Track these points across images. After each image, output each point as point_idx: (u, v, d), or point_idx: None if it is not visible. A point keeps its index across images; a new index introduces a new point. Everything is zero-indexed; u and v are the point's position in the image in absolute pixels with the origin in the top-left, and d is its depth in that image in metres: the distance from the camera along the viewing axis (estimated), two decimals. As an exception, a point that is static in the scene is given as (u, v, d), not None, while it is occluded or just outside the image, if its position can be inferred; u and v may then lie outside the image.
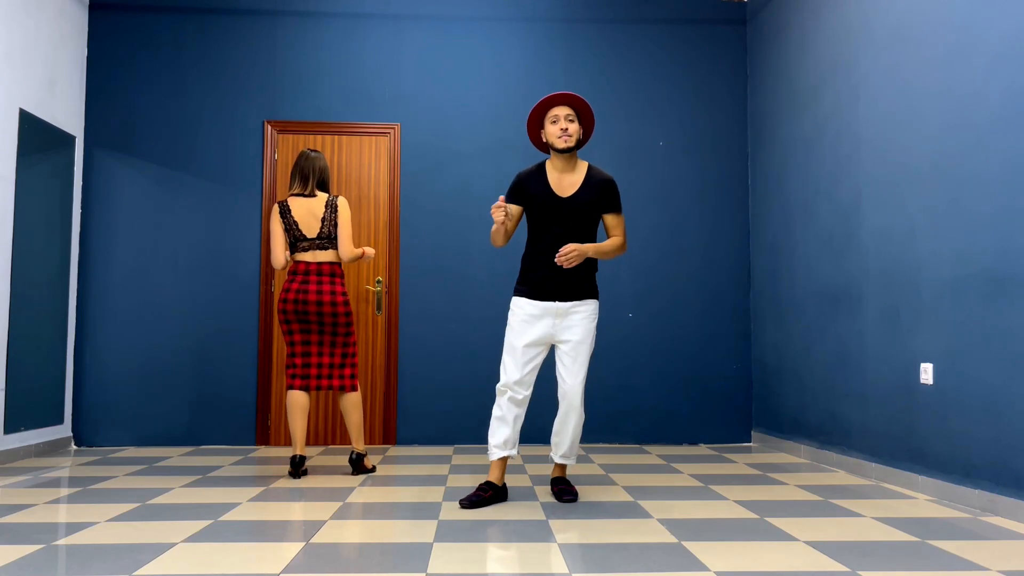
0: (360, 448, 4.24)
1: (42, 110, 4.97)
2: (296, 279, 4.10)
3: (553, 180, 3.58)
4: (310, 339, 4.15)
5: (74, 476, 4.19)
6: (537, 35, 5.75)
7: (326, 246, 4.14)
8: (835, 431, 4.58)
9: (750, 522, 3.16)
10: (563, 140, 3.51)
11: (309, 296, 4.06)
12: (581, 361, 3.52)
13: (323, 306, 4.08)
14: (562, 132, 3.50)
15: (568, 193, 3.56)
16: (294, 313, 4.08)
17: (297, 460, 4.07)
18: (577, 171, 3.61)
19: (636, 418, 5.60)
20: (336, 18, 5.67)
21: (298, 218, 4.13)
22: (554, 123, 3.53)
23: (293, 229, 4.13)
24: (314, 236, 4.12)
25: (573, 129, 3.52)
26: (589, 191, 3.56)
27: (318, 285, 4.08)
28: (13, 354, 4.63)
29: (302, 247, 4.14)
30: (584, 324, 3.53)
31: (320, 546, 2.76)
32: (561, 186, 3.57)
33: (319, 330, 4.14)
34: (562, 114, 3.52)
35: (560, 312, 3.52)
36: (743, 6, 5.87)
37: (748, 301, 5.74)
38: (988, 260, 3.39)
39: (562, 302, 3.53)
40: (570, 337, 3.53)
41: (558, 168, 3.59)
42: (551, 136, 3.54)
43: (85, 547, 2.73)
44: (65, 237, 5.23)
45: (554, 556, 2.64)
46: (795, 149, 5.11)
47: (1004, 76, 3.33)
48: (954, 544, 2.83)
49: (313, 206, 4.14)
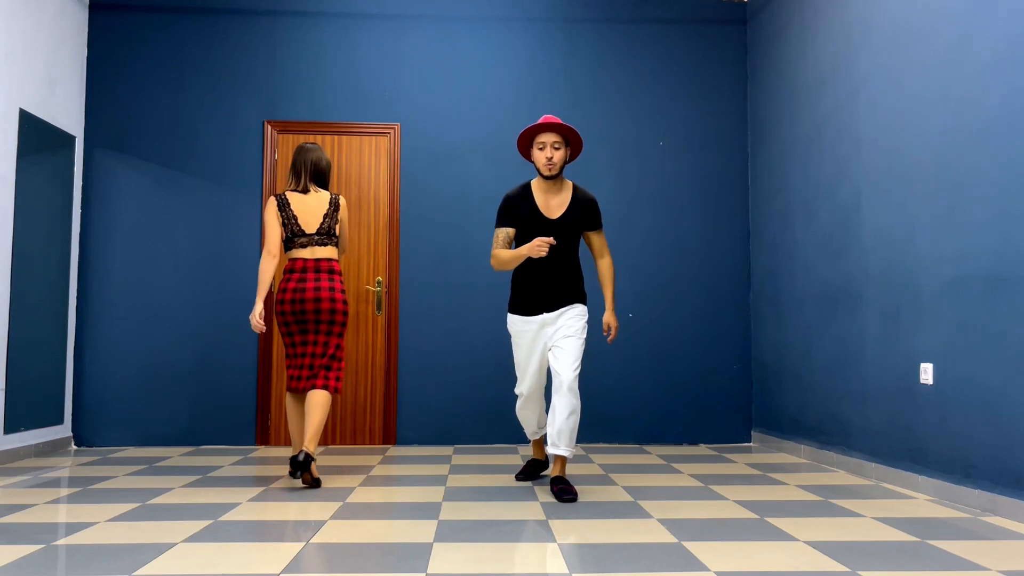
0: (312, 449, 3.82)
1: (42, 110, 4.97)
2: (294, 276, 3.98)
3: (540, 201, 3.78)
4: (307, 339, 4.01)
5: (74, 476, 4.19)
6: (537, 35, 5.75)
7: (325, 242, 4.04)
8: (835, 431, 4.58)
9: (750, 522, 3.16)
10: (548, 168, 3.71)
11: (307, 294, 3.94)
12: (574, 352, 3.68)
13: (321, 303, 3.94)
14: (547, 160, 3.69)
15: (556, 214, 3.77)
16: (292, 314, 3.96)
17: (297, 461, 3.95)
18: (563, 191, 3.81)
19: (636, 418, 5.60)
20: (336, 18, 5.67)
21: (297, 213, 4.02)
22: (541, 150, 3.71)
23: (292, 223, 4.02)
24: (313, 232, 4.02)
25: (558, 157, 3.70)
26: (575, 212, 3.78)
27: (316, 282, 3.96)
28: (13, 354, 4.63)
29: (299, 243, 4.01)
30: (573, 321, 3.74)
31: (320, 546, 2.76)
32: (549, 207, 3.78)
33: (315, 328, 3.98)
34: (549, 141, 3.69)
35: (550, 321, 3.78)
36: (743, 6, 5.87)
37: (748, 301, 5.74)
38: (988, 260, 3.39)
39: (550, 313, 3.78)
40: (561, 333, 3.73)
41: (543, 189, 3.79)
42: (538, 162, 3.72)
43: (85, 547, 2.73)
44: (65, 237, 5.23)
45: (554, 556, 2.64)
46: (795, 149, 5.11)
47: (1004, 76, 3.33)
48: (954, 544, 2.83)
49: (314, 201, 4.05)
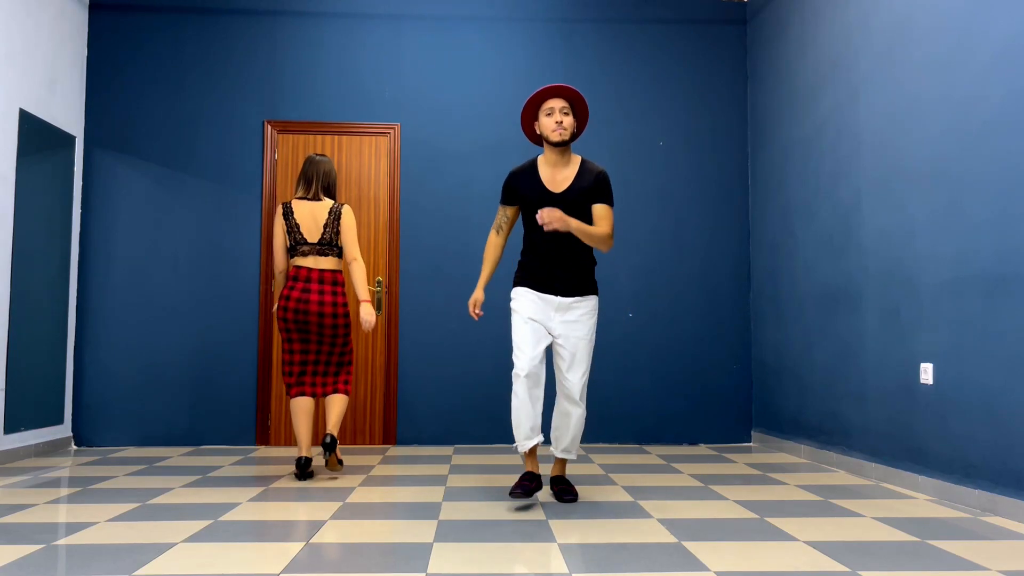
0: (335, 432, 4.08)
1: (42, 110, 4.97)
2: (297, 285, 4.05)
3: (546, 176, 3.54)
4: (308, 348, 4.10)
5: (74, 476, 4.19)
6: (537, 35, 5.75)
7: (327, 252, 4.11)
8: (835, 431, 4.58)
9: (750, 522, 3.16)
10: (558, 133, 3.46)
11: (311, 306, 4.02)
12: (581, 357, 3.49)
13: (324, 317, 4.04)
14: (557, 125, 3.46)
15: (562, 188, 3.51)
16: (294, 322, 4.03)
17: (303, 462, 4.01)
18: (571, 165, 3.56)
19: (636, 418, 5.60)
20: (336, 18, 5.67)
21: (300, 221, 4.09)
22: (549, 115, 3.48)
23: (295, 232, 4.09)
24: (315, 241, 4.09)
25: (568, 122, 3.48)
26: (582, 184, 3.51)
27: (319, 294, 4.04)
28: (13, 354, 4.63)
29: (302, 251, 4.09)
30: (584, 321, 3.51)
31: (320, 546, 2.76)
32: (555, 181, 3.53)
33: (318, 339, 4.09)
34: (557, 106, 3.48)
35: (560, 307, 3.49)
36: (743, 6, 5.87)
37: (748, 301, 5.74)
38: (988, 260, 3.39)
39: (562, 297, 3.50)
40: (570, 333, 3.49)
41: (551, 163, 3.54)
42: (546, 129, 3.49)
43: (85, 547, 2.73)
44: (65, 237, 5.23)
45: (554, 556, 2.64)
46: (795, 149, 5.11)
47: (1004, 76, 3.33)
48: (954, 544, 2.83)
49: (316, 210, 4.11)
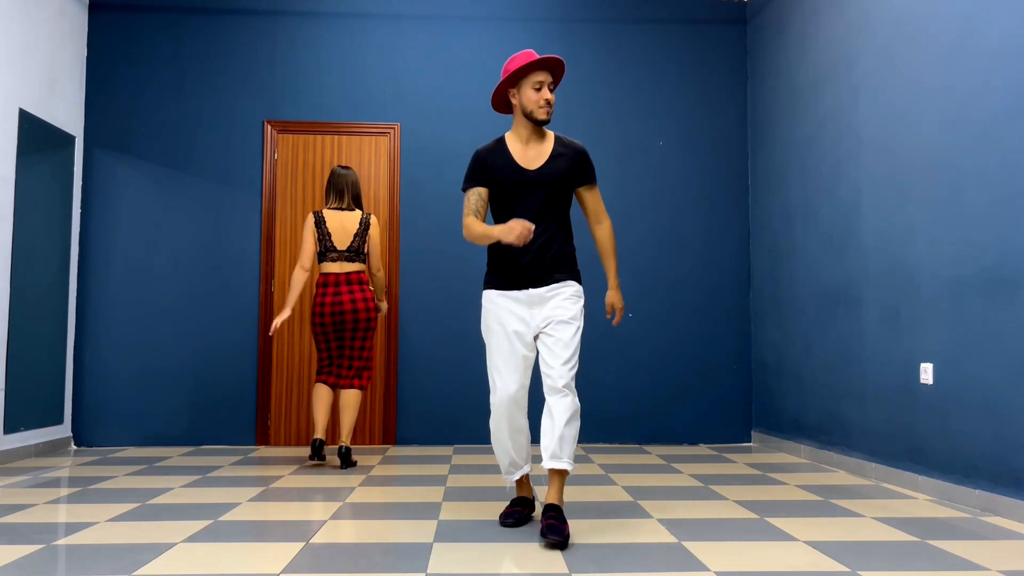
0: (348, 443, 4.49)
1: (42, 110, 4.97)
2: (328, 290, 4.42)
3: (517, 152, 3.14)
4: (343, 343, 4.47)
5: (74, 476, 4.19)
6: (537, 35, 5.75)
7: (354, 259, 4.46)
8: (835, 431, 4.58)
9: (750, 522, 3.16)
10: (546, 111, 3.09)
11: (344, 306, 4.39)
12: (565, 341, 2.98)
13: (358, 313, 4.41)
14: (546, 103, 3.08)
15: (536, 165, 3.12)
16: (331, 325, 4.41)
17: (317, 444, 4.35)
18: (545, 141, 3.17)
19: (636, 418, 5.60)
20: (336, 18, 5.67)
21: (332, 230, 4.44)
22: (537, 90, 3.08)
23: (325, 239, 4.44)
24: (344, 249, 4.44)
25: (553, 100, 3.12)
26: (560, 162, 3.12)
27: (350, 294, 4.41)
28: (13, 354, 4.63)
29: (331, 257, 4.45)
30: (568, 306, 3.03)
31: (320, 546, 2.76)
32: (527, 158, 3.13)
33: (352, 335, 4.45)
34: (547, 81, 3.09)
35: (537, 300, 3.05)
36: (743, 6, 5.87)
37: (748, 301, 5.74)
38: (988, 260, 3.39)
39: (537, 288, 3.05)
40: (553, 316, 3.02)
41: (523, 139, 3.15)
42: (532, 103, 3.08)
43: (85, 547, 2.73)
44: (65, 237, 5.23)
45: (554, 556, 2.64)
46: (795, 149, 5.11)
47: (1004, 75, 3.33)
48: (954, 544, 2.83)
49: (347, 220, 4.47)
